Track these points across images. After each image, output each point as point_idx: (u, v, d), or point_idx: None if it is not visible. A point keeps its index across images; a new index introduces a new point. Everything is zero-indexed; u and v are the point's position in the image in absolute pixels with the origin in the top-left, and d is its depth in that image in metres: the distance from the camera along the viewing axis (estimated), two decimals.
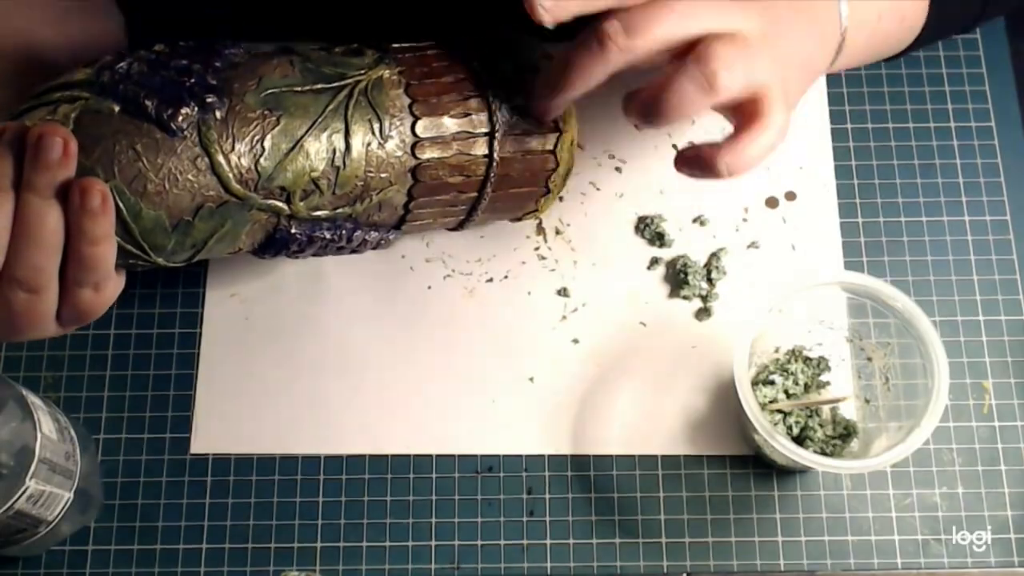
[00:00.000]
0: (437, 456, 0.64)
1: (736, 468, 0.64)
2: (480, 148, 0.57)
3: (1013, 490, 0.63)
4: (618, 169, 0.70)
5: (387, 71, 0.56)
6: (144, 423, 0.65)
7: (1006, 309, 0.67)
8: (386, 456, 0.64)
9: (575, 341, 0.66)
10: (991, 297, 0.67)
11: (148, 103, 0.50)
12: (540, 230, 0.69)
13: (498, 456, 0.64)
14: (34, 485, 0.56)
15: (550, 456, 0.64)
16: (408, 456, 0.64)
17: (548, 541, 0.63)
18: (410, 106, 0.55)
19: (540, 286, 0.68)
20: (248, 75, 0.53)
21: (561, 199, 0.66)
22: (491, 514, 0.63)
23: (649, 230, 0.68)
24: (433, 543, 0.63)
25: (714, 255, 0.68)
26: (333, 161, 0.54)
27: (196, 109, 0.51)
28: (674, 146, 0.70)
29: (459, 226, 0.62)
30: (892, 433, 0.59)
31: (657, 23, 0.48)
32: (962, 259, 0.68)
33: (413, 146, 0.55)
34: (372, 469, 0.64)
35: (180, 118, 0.50)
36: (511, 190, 0.59)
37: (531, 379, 0.66)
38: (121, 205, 0.49)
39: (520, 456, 0.64)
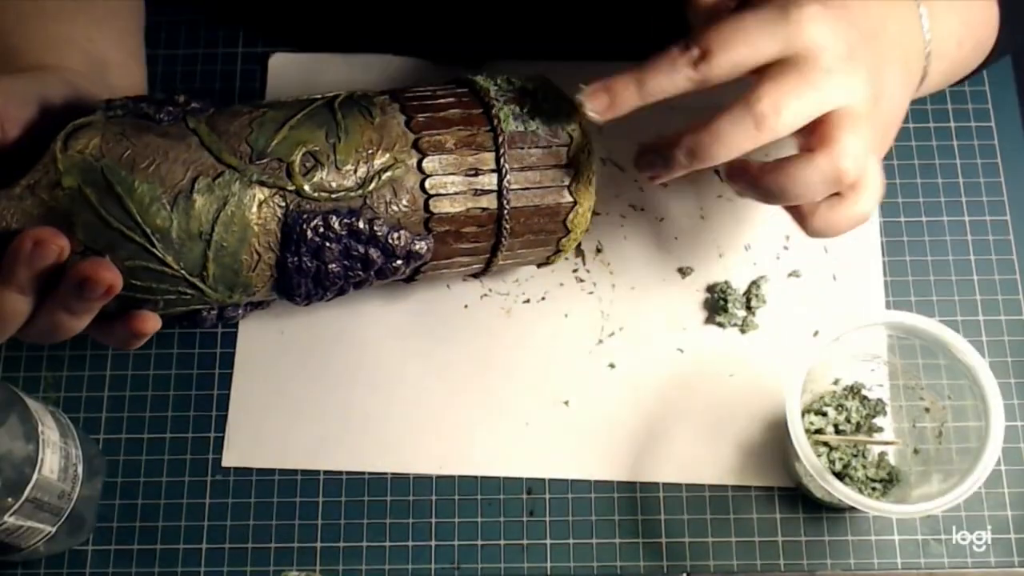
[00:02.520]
0: (461, 477, 0.64)
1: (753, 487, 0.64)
2: (489, 162, 0.56)
3: (1013, 490, 0.63)
4: (659, 193, 0.69)
5: (371, 91, 0.57)
6: (145, 423, 0.65)
7: (1006, 309, 0.67)
8: (409, 476, 0.64)
9: (611, 366, 0.66)
10: (991, 297, 0.67)
11: (133, 107, 0.52)
12: (579, 252, 0.68)
13: (533, 479, 0.64)
14: (12, 521, 0.55)
15: (593, 482, 0.64)
16: (431, 477, 0.64)
17: (548, 541, 0.63)
18: (407, 123, 0.55)
19: (577, 308, 0.67)
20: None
21: (597, 214, 0.65)
22: (491, 514, 0.63)
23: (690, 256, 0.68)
24: (433, 543, 0.63)
25: (754, 283, 0.67)
26: (327, 137, 0.53)
27: (181, 108, 0.52)
28: (716, 171, 0.69)
29: (491, 253, 0.60)
30: (936, 481, 0.59)
31: (799, 102, 0.49)
32: (962, 259, 0.68)
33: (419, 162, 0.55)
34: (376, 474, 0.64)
35: (163, 114, 0.52)
36: (529, 224, 0.58)
37: (566, 403, 0.65)
38: (113, 181, 0.49)
39: (561, 480, 0.64)
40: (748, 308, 0.67)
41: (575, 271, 0.68)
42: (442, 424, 0.65)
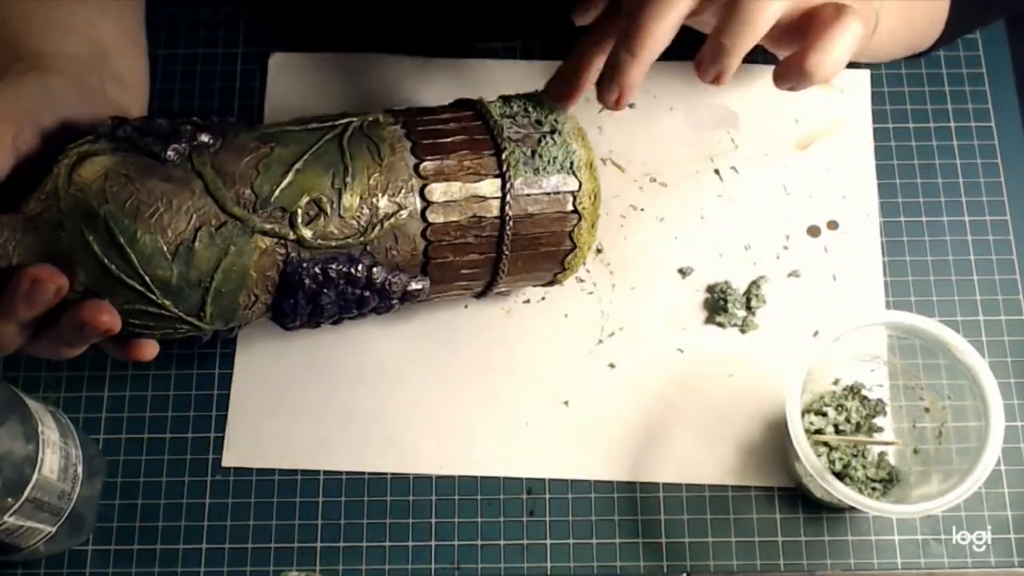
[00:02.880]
0: (461, 477, 0.64)
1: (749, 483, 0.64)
2: (492, 188, 0.56)
3: (1013, 490, 0.63)
4: (659, 193, 0.70)
5: (384, 117, 0.56)
6: (144, 423, 0.65)
7: (1006, 309, 0.67)
8: (409, 476, 0.64)
9: (611, 366, 0.66)
10: (991, 297, 0.67)
11: (139, 139, 0.51)
12: None
13: (533, 479, 0.64)
14: (12, 521, 0.55)
15: (593, 482, 0.64)
16: (431, 476, 0.64)
17: (548, 541, 0.63)
18: (416, 167, 0.55)
19: (577, 309, 0.67)
20: (244, 124, 0.54)
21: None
22: (491, 514, 0.63)
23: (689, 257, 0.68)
24: (433, 543, 0.63)
25: (754, 283, 0.67)
26: (333, 183, 0.53)
27: (187, 143, 0.51)
28: (716, 171, 0.69)
29: (486, 288, 0.60)
30: (936, 481, 0.59)
31: None
32: (962, 259, 0.68)
33: (422, 189, 0.55)
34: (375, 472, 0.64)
35: (170, 151, 0.51)
36: (532, 250, 0.58)
37: (566, 403, 0.65)
38: (116, 231, 0.49)
39: (561, 480, 0.64)
40: (748, 308, 0.66)
41: None
42: (442, 424, 0.65)
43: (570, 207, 0.57)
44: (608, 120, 0.71)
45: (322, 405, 0.65)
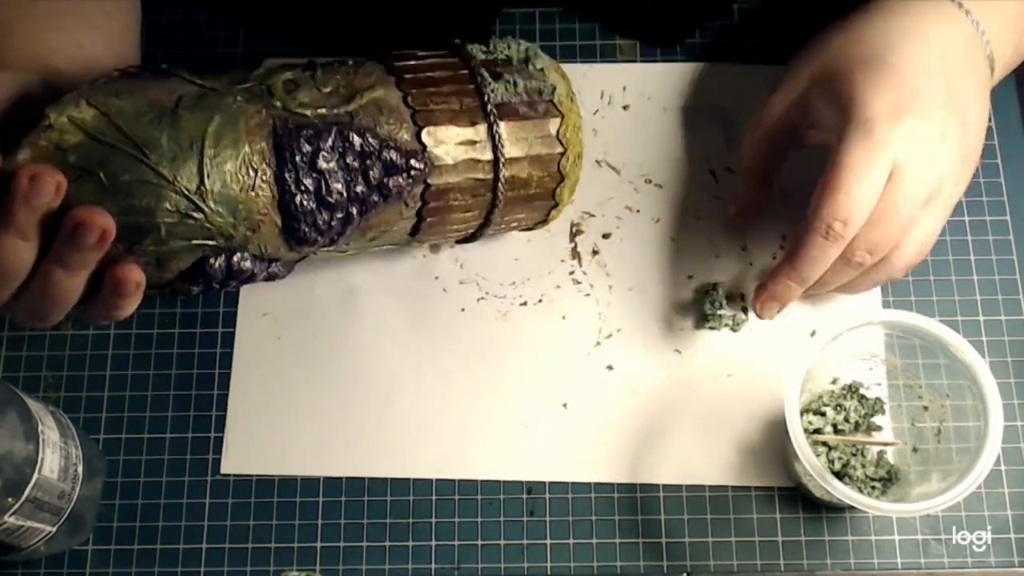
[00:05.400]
0: (462, 481, 0.64)
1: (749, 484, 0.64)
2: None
3: (1013, 490, 0.63)
4: (655, 194, 0.70)
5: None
6: (145, 423, 0.65)
7: (1006, 309, 0.67)
8: (409, 480, 0.64)
9: (609, 367, 0.66)
10: (991, 297, 0.67)
11: (119, 71, 0.53)
12: (575, 254, 0.68)
13: (531, 482, 0.64)
14: (12, 521, 0.55)
15: (590, 484, 0.64)
16: (431, 480, 0.64)
17: (548, 541, 0.63)
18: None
19: (575, 311, 0.67)
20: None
21: (593, 216, 0.65)
22: (491, 514, 0.63)
23: (686, 258, 0.68)
24: (433, 543, 0.63)
25: (751, 283, 0.67)
26: (304, 70, 0.55)
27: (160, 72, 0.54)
28: (711, 172, 0.70)
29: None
30: (935, 480, 0.59)
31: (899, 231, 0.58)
32: (962, 259, 0.68)
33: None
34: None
35: (145, 71, 0.53)
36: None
37: (564, 405, 0.65)
38: (97, 104, 0.50)
39: (560, 483, 0.64)
40: (744, 309, 0.66)
41: (571, 273, 0.68)
42: (441, 428, 0.65)
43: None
44: (602, 122, 0.71)
45: (320, 410, 0.65)
